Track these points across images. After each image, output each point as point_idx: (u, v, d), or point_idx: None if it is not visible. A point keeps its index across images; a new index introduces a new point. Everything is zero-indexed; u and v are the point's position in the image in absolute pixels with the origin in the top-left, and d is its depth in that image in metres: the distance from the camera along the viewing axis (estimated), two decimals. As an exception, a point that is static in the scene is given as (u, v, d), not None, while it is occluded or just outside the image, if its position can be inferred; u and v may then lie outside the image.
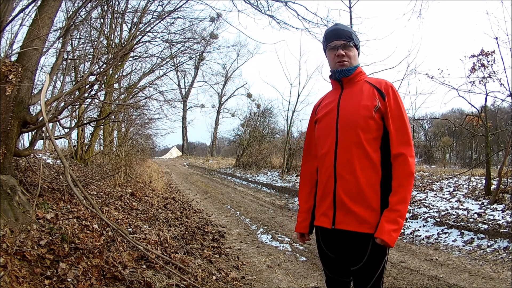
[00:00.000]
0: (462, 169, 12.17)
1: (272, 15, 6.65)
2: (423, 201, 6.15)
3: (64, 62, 5.20)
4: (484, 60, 5.99)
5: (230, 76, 37.63)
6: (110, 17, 7.27)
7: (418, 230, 4.92)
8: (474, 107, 6.42)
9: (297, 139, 15.62)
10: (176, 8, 7.47)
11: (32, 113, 3.40)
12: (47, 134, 3.43)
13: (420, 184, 7.45)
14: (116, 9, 7.05)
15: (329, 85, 1.69)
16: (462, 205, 5.53)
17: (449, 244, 4.34)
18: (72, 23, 4.43)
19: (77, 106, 5.71)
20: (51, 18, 3.42)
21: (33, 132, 3.70)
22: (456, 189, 6.62)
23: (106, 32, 7.75)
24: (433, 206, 5.76)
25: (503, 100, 6.02)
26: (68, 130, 5.36)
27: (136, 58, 9.20)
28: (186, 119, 37.90)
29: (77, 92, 5.43)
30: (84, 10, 5.10)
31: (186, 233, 4.38)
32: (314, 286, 3.05)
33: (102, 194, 5.14)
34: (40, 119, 3.35)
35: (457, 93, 6.31)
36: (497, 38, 5.63)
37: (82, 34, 7.07)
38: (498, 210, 4.95)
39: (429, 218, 5.18)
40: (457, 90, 6.31)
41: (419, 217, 5.30)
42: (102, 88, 5.75)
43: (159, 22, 8.15)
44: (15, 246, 2.18)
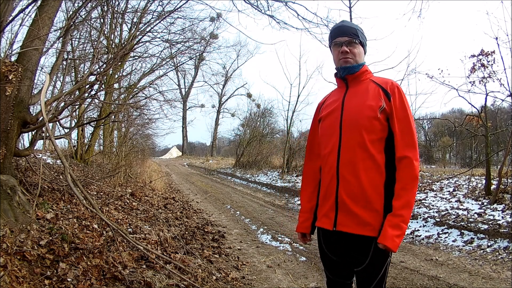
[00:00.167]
0: (462, 169, 12.17)
1: (272, 15, 6.65)
2: (423, 201, 6.15)
3: (64, 62, 5.20)
4: (484, 60, 5.99)
5: (230, 76, 37.66)
6: (110, 17, 7.27)
7: (418, 230, 4.92)
8: (474, 107, 6.43)
9: (297, 139, 15.62)
10: (176, 8, 7.48)
11: (32, 113, 3.40)
12: (47, 134, 3.43)
13: (420, 184, 7.45)
14: (116, 9, 7.05)
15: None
16: (462, 205, 5.53)
17: (449, 244, 4.34)
18: (72, 23, 4.43)
19: (77, 106, 5.71)
20: (51, 18, 3.42)
21: (33, 132, 3.70)
22: (456, 189, 6.62)
23: (106, 32, 7.75)
24: (433, 206, 5.76)
25: (503, 100, 6.02)
26: (68, 130, 5.37)
27: (136, 58, 9.21)
28: (186, 119, 37.91)
29: (77, 92, 5.43)
30: (84, 10, 5.10)
31: (186, 233, 4.38)
32: (314, 286, 3.05)
33: (102, 194, 5.14)
34: (40, 119, 3.35)
35: (457, 93, 6.32)
36: (497, 38, 5.63)
37: (82, 34, 7.09)
38: (498, 210, 4.95)
39: (429, 218, 5.18)
40: (457, 90, 6.31)
41: (419, 217, 5.30)
42: (102, 88, 5.75)
43: (159, 22, 8.16)
44: (15, 246, 2.18)
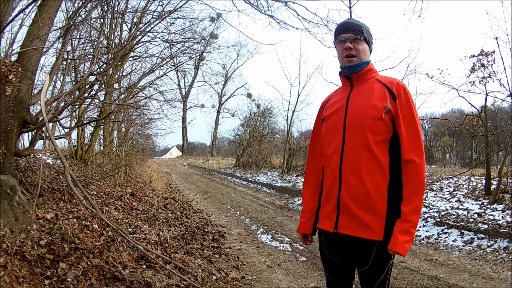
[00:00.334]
0: (462, 169, 12.17)
1: (272, 15, 6.65)
2: (423, 201, 6.15)
3: (64, 62, 5.20)
4: (484, 60, 5.99)
5: (230, 76, 37.69)
6: (110, 17, 7.27)
7: (418, 230, 4.92)
8: (474, 107, 6.43)
9: (297, 139, 15.63)
10: (176, 8, 7.47)
11: (32, 113, 3.40)
12: (47, 134, 3.43)
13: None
14: (116, 9, 7.05)
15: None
16: (462, 205, 5.53)
17: (449, 244, 4.34)
18: (72, 23, 4.43)
19: (77, 106, 5.71)
20: (51, 18, 3.42)
21: (33, 132, 3.70)
22: (456, 189, 6.62)
23: (106, 32, 7.75)
24: (433, 206, 5.76)
25: (503, 100, 6.02)
26: (68, 130, 5.37)
27: (136, 58, 9.21)
28: (186, 119, 37.94)
29: (77, 92, 5.43)
30: (84, 10, 5.10)
31: (186, 233, 4.38)
32: (314, 286, 3.05)
33: (102, 194, 5.14)
34: (40, 119, 3.35)
35: (457, 93, 6.31)
36: (497, 38, 5.63)
37: (82, 34, 7.08)
38: (498, 210, 4.95)
39: (429, 218, 5.18)
40: (457, 90, 6.31)
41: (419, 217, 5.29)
42: (102, 88, 5.75)
43: (159, 22, 8.15)
44: (15, 246, 2.18)
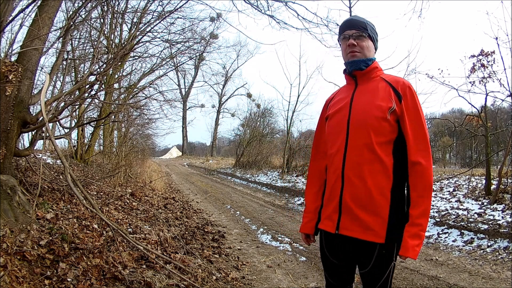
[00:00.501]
0: (462, 169, 12.17)
1: (272, 15, 6.65)
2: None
3: (64, 62, 5.20)
4: (484, 60, 5.98)
5: (230, 76, 37.70)
6: (110, 17, 7.27)
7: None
8: (474, 107, 6.42)
9: (297, 139, 15.63)
10: (176, 8, 7.48)
11: (32, 113, 3.40)
12: (47, 134, 3.43)
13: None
14: (116, 9, 7.05)
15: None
16: (462, 205, 5.53)
17: (449, 244, 4.34)
18: (72, 23, 4.43)
19: (77, 106, 5.71)
20: (51, 18, 3.42)
21: (33, 132, 3.70)
22: (456, 189, 6.62)
23: (106, 32, 7.75)
24: (433, 206, 5.76)
25: (503, 100, 6.02)
26: (68, 130, 5.37)
27: (136, 58, 9.21)
28: (186, 119, 37.95)
29: (77, 92, 5.42)
30: (84, 10, 5.09)
31: (186, 233, 4.38)
32: (314, 286, 3.05)
33: (102, 194, 5.14)
34: (40, 119, 3.35)
35: (457, 93, 6.31)
36: (497, 38, 5.63)
37: (82, 34, 7.07)
38: (498, 210, 4.95)
39: (429, 218, 5.18)
40: (457, 90, 6.31)
41: (419, 217, 5.29)
42: (102, 88, 5.75)
43: (159, 22, 8.15)
44: (15, 246, 2.18)
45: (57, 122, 4.09)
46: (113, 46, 7.61)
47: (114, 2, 6.73)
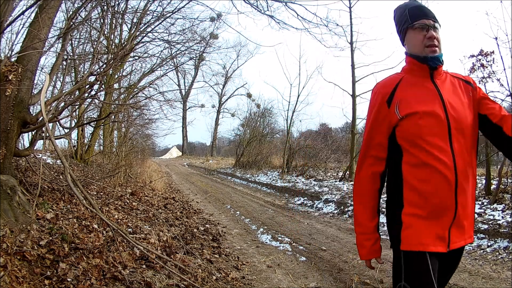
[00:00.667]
0: (462, 169, 12.14)
1: (271, 15, 6.67)
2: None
3: (64, 62, 5.20)
4: (483, 60, 5.98)
5: (230, 76, 37.64)
6: (110, 17, 7.27)
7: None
8: (474, 107, 6.41)
9: (297, 139, 15.64)
10: (176, 9, 7.49)
11: (32, 113, 3.41)
12: (47, 134, 3.44)
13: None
14: (116, 9, 7.05)
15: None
16: (462, 205, 5.53)
17: (449, 244, 4.34)
18: (72, 23, 4.43)
19: (77, 106, 5.72)
20: (51, 18, 3.43)
21: (33, 132, 3.70)
22: (456, 189, 6.61)
23: (106, 32, 7.75)
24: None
25: (503, 100, 6.00)
26: (68, 130, 5.37)
27: (136, 58, 9.20)
28: (186, 119, 37.91)
29: (77, 92, 5.43)
30: (84, 10, 5.10)
31: (186, 233, 4.38)
32: (314, 286, 3.05)
33: (102, 194, 5.14)
34: (40, 119, 3.35)
35: (457, 93, 6.30)
36: (496, 38, 5.62)
37: (82, 34, 7.08)
38: (498, 210, 4.95)
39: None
40: (457, 90, 6.30)
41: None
42: (102, 88, 5.75)
43: (160, 23, 8.17)
44: (15, 246, 2.18)
45: (57, 122, 4.10)
46: (113, 46, 7.62)
47: (114, 2, 6.74)
